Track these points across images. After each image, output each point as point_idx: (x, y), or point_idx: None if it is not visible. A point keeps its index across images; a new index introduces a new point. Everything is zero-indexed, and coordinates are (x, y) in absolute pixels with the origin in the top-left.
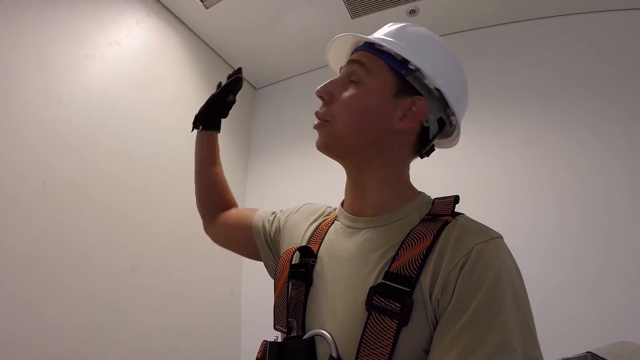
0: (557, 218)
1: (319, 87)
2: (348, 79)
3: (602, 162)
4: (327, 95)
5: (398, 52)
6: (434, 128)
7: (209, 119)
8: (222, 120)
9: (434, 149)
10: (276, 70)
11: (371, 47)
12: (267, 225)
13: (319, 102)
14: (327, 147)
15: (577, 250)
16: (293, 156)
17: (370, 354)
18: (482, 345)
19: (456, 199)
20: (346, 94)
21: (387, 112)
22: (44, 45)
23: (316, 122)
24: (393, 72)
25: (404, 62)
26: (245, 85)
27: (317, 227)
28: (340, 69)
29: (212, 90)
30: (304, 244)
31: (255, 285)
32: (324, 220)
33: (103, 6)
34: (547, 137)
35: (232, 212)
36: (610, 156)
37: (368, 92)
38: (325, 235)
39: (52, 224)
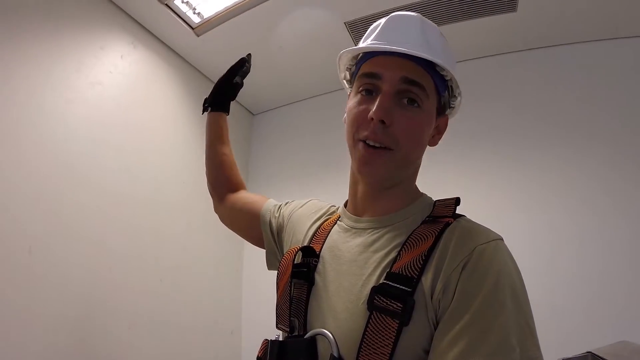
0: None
1: (377, 108)
2: (401, 98)
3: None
4: (389, 118)
5: (456, 78)
6: None
7: (216, 101)
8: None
9: None
10: (274, 96)
11: (419, 61)
12: (273, 221)
13: (318, 131)
14: (386, 179)
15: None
16: (292, 182)
17: (371, 354)
18: (481, 344)
19: (457, 200)
20: (408, 118)
21: (430, 135)
22: (19, 96)
23: (370, 149)
24: (438, 93)
25: (445, 82)
26: (242, 110)
27: (319, 226)
28: (349, 68)
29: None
30: (306, 243)
31: (255, 324)
32: (327, 219)
33: (81, 45)
34: (544, 180)
35: (241, 195)
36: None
37: (427, 117)
38: (328, 235)
39: (41, 277)
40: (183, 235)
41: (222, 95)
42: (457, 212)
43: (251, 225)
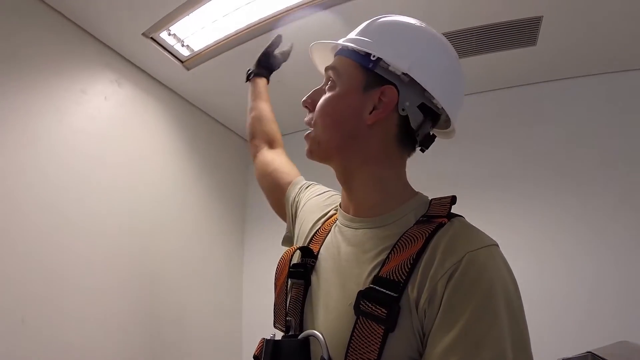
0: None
1: (304, 97)
2: (326, 85)
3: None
4: (310, 104)
5: (358, 46)
6: (416, 116)
7: (257, 70)
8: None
9: (433, 140)
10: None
11: (343, 50)
12: (293, 203)
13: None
14: (311, 153)
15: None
16: None
17: (357, 359)
18: (475, 359)
19: (453, 199)
20: (321, 99)
21: (357, 108)
22: None
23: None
24: (361, 68)
25: (368, 55)
26: (238, 139)
27: (323, 224)
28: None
29: (203, 148)
30: (308, 240)
31: None
32: (334, 214)
33: (60, 91)
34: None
35: (275, 157)
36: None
37: (339, 93)
38: (327, 234)
39: (36, 347)
40: (180, 284)
41: (262, 65)
42: (453, 211)
43: (275, 194)
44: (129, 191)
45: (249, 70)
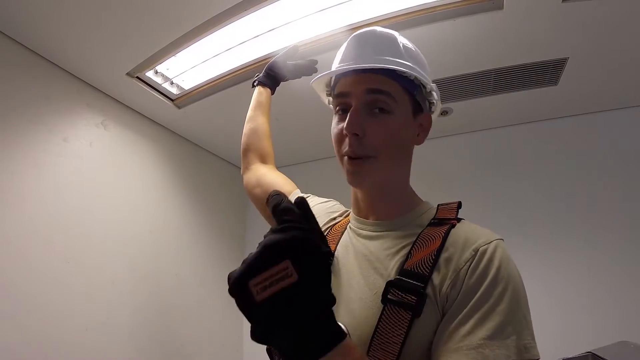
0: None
1: (347, 123)
2: (372, 108)
3: None
4: (362, 130)
5: (421, 78)
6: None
7: (263, 79)
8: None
9: None
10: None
11: (384, 71)
12: None
13: (318, 193)
14: (374, 184)
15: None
16: None
17: (383, 343)
18: (479, 329)
19: (459, 204)
20: (380, 125)
21: (412, 134)
22: None
23: (353, 160)
24: (409, 93)
25: (413, 82)
26: (235, 169)
27: (333, 226)
28: (329, 93)
29: (201, 182)
30: None
31: None
32: (340, 220)
33: (39, 144)
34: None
35: (270, 171)
36: None
37: (400, 121)
38: (341, 235)
39: None
40: (180, 339)
41: (268, 75)
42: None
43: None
44: (124, 243)
45: (256, 74)
